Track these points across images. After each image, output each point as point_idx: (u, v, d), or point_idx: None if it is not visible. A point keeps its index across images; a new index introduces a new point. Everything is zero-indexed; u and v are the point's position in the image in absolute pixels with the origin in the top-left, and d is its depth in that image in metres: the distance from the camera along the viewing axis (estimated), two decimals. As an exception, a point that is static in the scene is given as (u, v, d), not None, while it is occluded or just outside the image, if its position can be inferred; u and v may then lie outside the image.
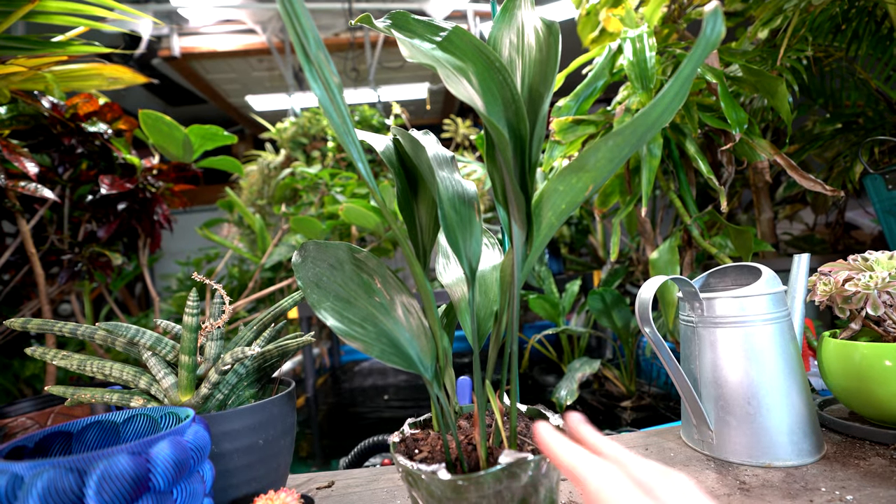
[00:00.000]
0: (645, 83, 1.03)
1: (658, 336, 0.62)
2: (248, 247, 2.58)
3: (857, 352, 0.62)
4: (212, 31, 3.63)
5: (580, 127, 1.15)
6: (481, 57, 0.36)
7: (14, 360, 1.48)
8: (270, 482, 0.57)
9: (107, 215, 1.20)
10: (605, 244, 2.45)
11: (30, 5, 0.88)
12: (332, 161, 2.73)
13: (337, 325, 0.39)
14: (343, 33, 3.64)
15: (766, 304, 0.61)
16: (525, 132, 0.37)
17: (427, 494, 0.39)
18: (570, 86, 1.28)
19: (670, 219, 2.03)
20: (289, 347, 0.61)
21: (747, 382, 0.60)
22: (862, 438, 0.63)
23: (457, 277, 0.51)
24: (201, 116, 5.06)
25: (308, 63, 0.32)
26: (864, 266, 0.67)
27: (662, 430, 0.74)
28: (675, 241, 1.17)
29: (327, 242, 0.47)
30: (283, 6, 0.30)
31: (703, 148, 1.27)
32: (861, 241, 1.78)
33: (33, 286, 1.22)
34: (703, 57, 0.28)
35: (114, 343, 0.59)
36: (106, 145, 1.15)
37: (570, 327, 1.65)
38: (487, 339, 0.49)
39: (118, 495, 0.35)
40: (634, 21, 1.22)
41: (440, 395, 0.43)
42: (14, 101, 1.04)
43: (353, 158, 0.36)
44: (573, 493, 0.57)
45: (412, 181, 0.49)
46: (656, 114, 0.30)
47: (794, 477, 0.55)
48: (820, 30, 1.19)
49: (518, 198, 0.37)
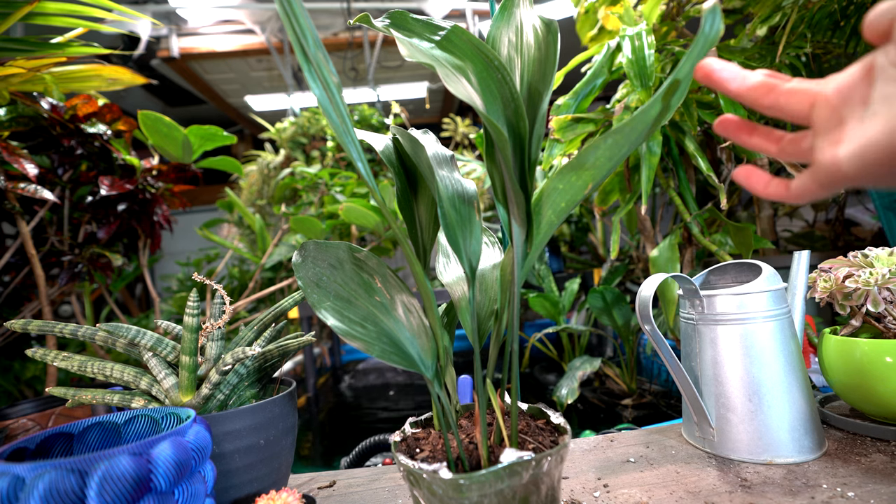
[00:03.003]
0: (644, 81, 1.03)
1: (658, 334, 0.62)
2: (248, 247, 2.58)
3: (857, 348, 0.62)
4: (210, 32, 3.63)
5: (579, 125, 1.15)
6: (480, 56, 0.36)
7: (15, 362, 1.48)
8: (272, 482, 0.57)
9: (107, 216, 1.20)
10: (605, 242, 2.45)
11: (28, 7, 0.88)
12: (332, 161, 2.73)
13: (337, 325, 0.39)
14: (342, 33, 3.64)
15: (766, 301, 0.61)
16: (524, 131, 0.37)
17: (428, 493, 0.39)
18: (569, 84, 1.28)
19: (670, 216, 2.03)
20: (289, 347, 0.61)
21: (748, 379, 0.60)
22: (863, 435, 0.64)
23: (457, 276, 0.51)
24: (200, 117, 5.07)
25: (307, 63, 0.32)
26: (865, 263, 0.67)
27: (664, 428, 0.74)
28: (676, 239, 1.17)
29: (327, 242, 0.47)
30: (282, 6, 0.30)
31: (703, 145, 1.27)
32: (861, 238, 1.78)
33: (33, 287, 1.22)
34: (702, 54, 0.28)
35: (114, 344, 0.59)
36: (105, 146, 1.15)
37: (571, 325, 1.65)
38: (488, 338, 0.49)
39: (120, 496, 0.35)
40: (633, 19, 1.22)
41: (441, 394, 0.43)
42: (13, 103, 1.04)
43: (352, 158, 0.36)
44: (574, 492, 0.57)
45: (412, 180, 0.49)
46: (655, 111, 0.30)
47: (795, 474, 0.55)
48: (819, 26, 1.18)
49: (518, 196, 0.37)
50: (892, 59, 0.24)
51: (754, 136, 0.32)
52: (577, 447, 0.70)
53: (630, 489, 0.56)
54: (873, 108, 0.25)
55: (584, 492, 0.56)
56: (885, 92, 0.24)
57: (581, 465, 0.64)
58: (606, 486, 0.57)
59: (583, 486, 0.58)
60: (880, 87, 0.25)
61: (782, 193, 0.30)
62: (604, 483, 0.58)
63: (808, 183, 0.28)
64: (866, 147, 0.24)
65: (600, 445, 0.70)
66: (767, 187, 0.31)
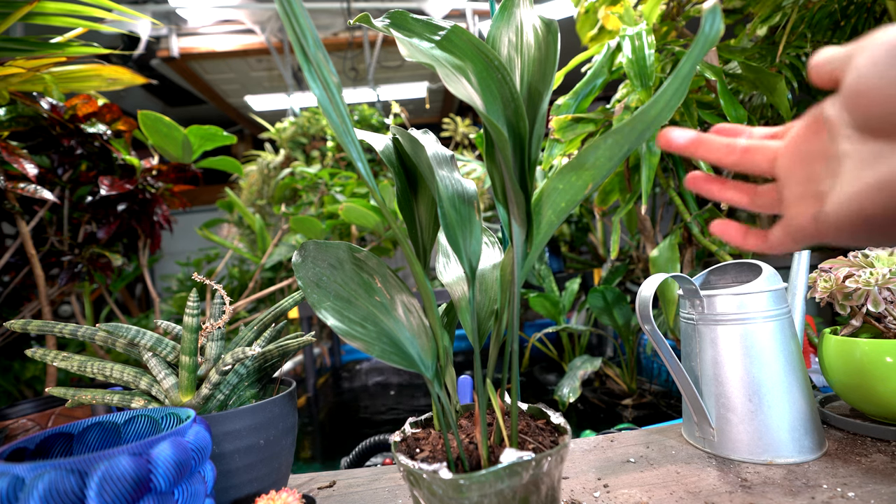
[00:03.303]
0: (644, 81, 1.03)
1: (658, 334, 0.62)
2: (248, 247, 2.58)
3: (857, 348, 0.62)
4: (210, 32, 3.63)
5: (579, 125, 1.15)
6: (480, 56, 0.36)
7: (14, 362, 1.48)
8: (272, 482, 0.57)
9: (106, 216, 1.20)
10: (605, 242, 2.45)
11: (28, 7, 0.88)
12: (332, 161, 2.73)
13: (337, 325, 0.39)
14: (342, 33, 3.64)
15: (766, 301, 0.61)
16: (524, 131, 0.37)
17: (429, 493, 0.39)
18: (569, 84, 1.28)
19: (670, 216, 2.02)
20: (289, 347, 0.61)
21: (748, 379, 0.60)
22: (863, 435, 0.64)
23: (457, 276, 0.51)
24: (200, 117, 5.07)
25: (307, 63, 0.32)
26: (865, 262, 0.67)
27: (664, 428, 0.74)
28: (676, 239, 1.17)
29: (327, 242, 0.47)
30: (282, 6, 0.30)
31: (703, 145, 1.27)
32: (861, 238, 1.78)
33: (33, 287, 1.22)
34: (702, 54, 0.28)
35: (114, 344, 0.59)
36: (105, 146, 1.15)
37: (571, 325, 1.65)
38: (488, 338, 0.49)
39: (119, 496, 0.35)
40: (633, 19, 1.22)
41: (441, 394, 0.43)
42: (13, 103, 1.04)
43: (352, 158, 0.36)
44: (574, 492, 0.57)
45: (412, 180, 0.49)
46: (655, 111, 0.30)
47: (795, 474, 0.55)
48: (819, 26, 1.18)
49: (518, 196, 0.37)
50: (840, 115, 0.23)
51: (726, 190, 0.31)
52: (577, 447, 0.70)
53: (630, 489, 0.56)
54: (835, 168, 0.24)
55: (584, 492, 0.56)
56: (843, 150, 0.23)
57: (581, 465, 0.64)
58: (606, 486, 0.57)
59: (583, 486, 0.58)
60: (836, 144, 0.24)
61: (760, 245, 0.30)
62: (604, 483, 0.58)
63: (783, 237, 0.28)
64: (837, 210, 0.24)
65: (600, 445, 0.69)
66: (745, 239, 0.31)
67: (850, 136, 0.23)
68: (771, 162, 0.28)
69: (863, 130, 0.22)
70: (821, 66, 0.24)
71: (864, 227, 0.23)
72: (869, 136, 0.22)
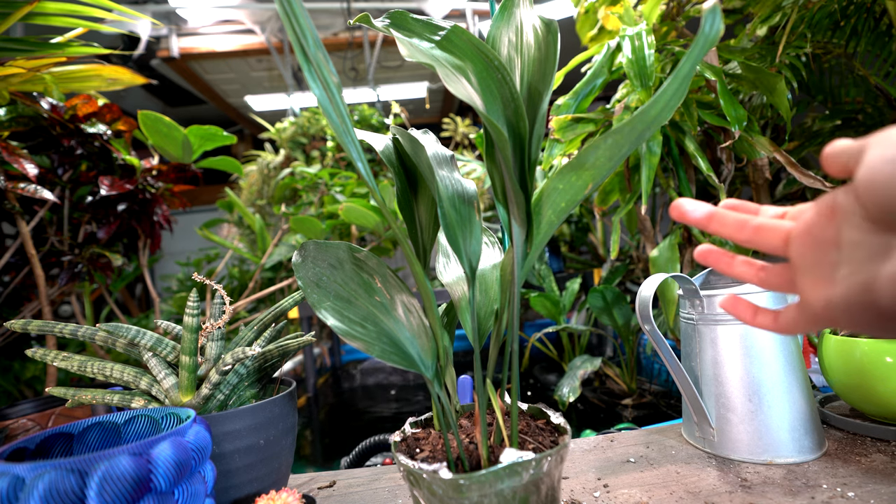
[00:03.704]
0: (644, 81, 1.03)
1: (658, 334, 0.62)
2: (248, 247, 2.58)
3: (857, 348, 0.62)
4: (210, 32, 3.63)
5: (579, 125, 1.15)
6: (480, 56, 0.36)
7: (15, 362, 1.48)
8: (272, 482, 0.57)
9: (107, 216, 1.20)
10: (605, 242, 2.45)
11: (28, 7, 0.88)
12: (332, 161, 2.73)
13: (337, 325, 0.39)
14: (342, 33, 3.64)
15: (766, 300, 0.61)
16: (524, 131, 0.37)
17: (429, 493, 0.39)
18: (569, 84, 1.28)
19: (670, 216, 2.02)
20: (289, 347, 0.61)
21: (748, 379, 0.60)
22: (863, 435, 0.64)
23: (457, 276, 0.51)
24: (200, 117, 5.07)
25: (307, 63, 0.32)
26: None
27: (664, 428, 0.74)
28: (676, 239, 1.17)
29: (327, 242, 0.47)
30: (282, 6, 0.30)
31: (703, 145, 1.27)
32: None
33: (33, 287, 1.22)
34: (702, 54, 0.28)
35: (114, 344, 0.59)
36: (105, 146, 1.15)
37: (571, 325, 1.65)
38: (488, 338, 0.49)
39: (120, 496, 0.35)
40: (633, 19, 1.22)
41: (441, 394, 0.43)
42: (13, 103, 1.04)
43: (352, 158, 0.36)
44: (574, 492, 0.57)
45: (412, 180, 0.49)
46: (655, 111, 0.30)
47: (795, 474, 0.55)
48: (819, 26, 1.18)
49: (518, 196, 0.37)
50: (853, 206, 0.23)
51: (735, 266, 0.32)
52: (577, 447, 0.70)
53: (630, 489, 0.56)
54: (848, 256, 0.24)
55: (584, 492, 0.56)
56: (856, 240, 0.23)
57: (581, 465, 0.64)
58: (606, 486, 0.57)
59: (583, 486, 0.58)
60: (849, 233, 0.24)
61: (770, 325, 0.30)
62: (604, 483, 0.58)
63: (796, 319, 0.28)
64: (847, 299, 0.24)
65: (600, 445, 0.69)
66: (755, 318, 0.31)
67: (862, 227, 0.23)
68: (784, 241, 0.28)
69: (874, 222, 0.23)
70: (834, 156, 0.24)
71: (875, 317, 0.23)
72: (881, 229, 0.22)
